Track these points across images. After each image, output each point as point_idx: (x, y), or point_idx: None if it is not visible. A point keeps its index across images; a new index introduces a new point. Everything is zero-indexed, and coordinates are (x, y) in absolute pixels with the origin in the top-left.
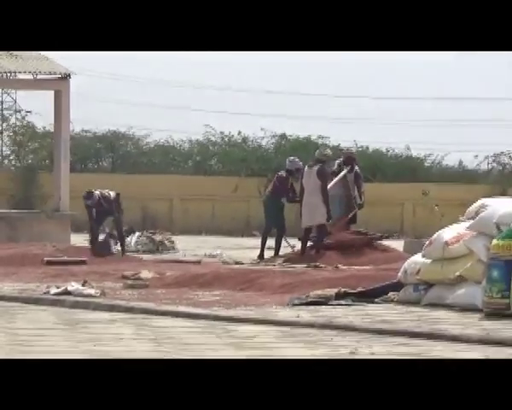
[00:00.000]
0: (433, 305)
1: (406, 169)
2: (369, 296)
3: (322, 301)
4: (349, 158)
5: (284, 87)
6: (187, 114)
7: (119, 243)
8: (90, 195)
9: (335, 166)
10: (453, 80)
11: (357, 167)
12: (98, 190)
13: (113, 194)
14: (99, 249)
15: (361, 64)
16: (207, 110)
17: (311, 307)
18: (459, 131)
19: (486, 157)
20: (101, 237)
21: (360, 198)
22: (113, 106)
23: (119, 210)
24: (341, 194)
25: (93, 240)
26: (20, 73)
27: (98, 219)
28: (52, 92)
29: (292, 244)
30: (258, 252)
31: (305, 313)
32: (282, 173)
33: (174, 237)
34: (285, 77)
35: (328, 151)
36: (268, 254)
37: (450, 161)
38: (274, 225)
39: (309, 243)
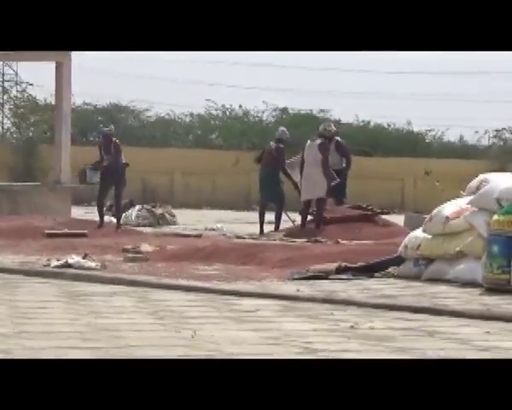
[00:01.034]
0: (434, 280)
1: (407, 144)
2: (369, 271)
3: (323, 276)
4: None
5: (287, 61)
6: (188, 88)
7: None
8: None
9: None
10: (454, 55)
11: (337, 138)
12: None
13: (123, 159)
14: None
15: None
16: (209, 83)
17: (311, 282)
18: (460, 106)
19: (486, 132)
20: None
21: (346, 169)
22: (115, 79)
23: (123, 181)
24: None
25: (85, 169)
26: None
27: (104, 188)
28: (53, 64)
29: (292, 218)
30: (258, 227)
31: (306, 288)
32: (279, 144)
33: (174, 211)
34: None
35: (333, 127)
36: (268, 228)
37: (451, 136)
38: (272, 200)
39: (309, 217)
